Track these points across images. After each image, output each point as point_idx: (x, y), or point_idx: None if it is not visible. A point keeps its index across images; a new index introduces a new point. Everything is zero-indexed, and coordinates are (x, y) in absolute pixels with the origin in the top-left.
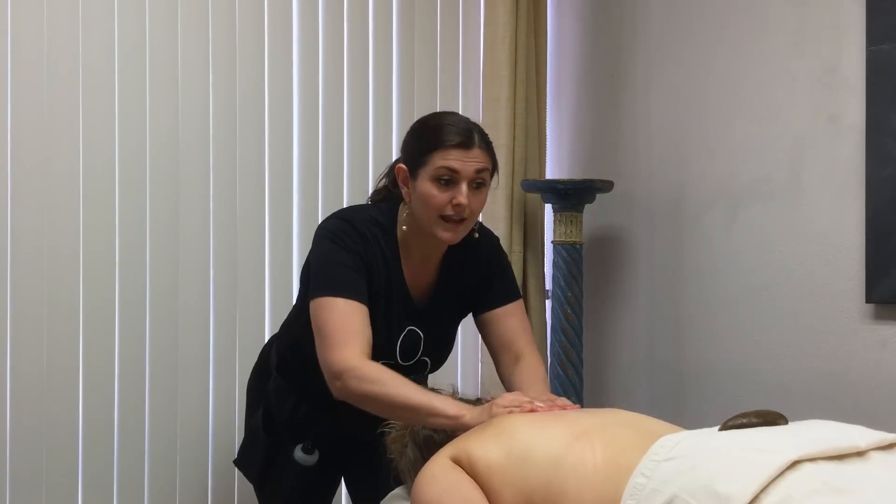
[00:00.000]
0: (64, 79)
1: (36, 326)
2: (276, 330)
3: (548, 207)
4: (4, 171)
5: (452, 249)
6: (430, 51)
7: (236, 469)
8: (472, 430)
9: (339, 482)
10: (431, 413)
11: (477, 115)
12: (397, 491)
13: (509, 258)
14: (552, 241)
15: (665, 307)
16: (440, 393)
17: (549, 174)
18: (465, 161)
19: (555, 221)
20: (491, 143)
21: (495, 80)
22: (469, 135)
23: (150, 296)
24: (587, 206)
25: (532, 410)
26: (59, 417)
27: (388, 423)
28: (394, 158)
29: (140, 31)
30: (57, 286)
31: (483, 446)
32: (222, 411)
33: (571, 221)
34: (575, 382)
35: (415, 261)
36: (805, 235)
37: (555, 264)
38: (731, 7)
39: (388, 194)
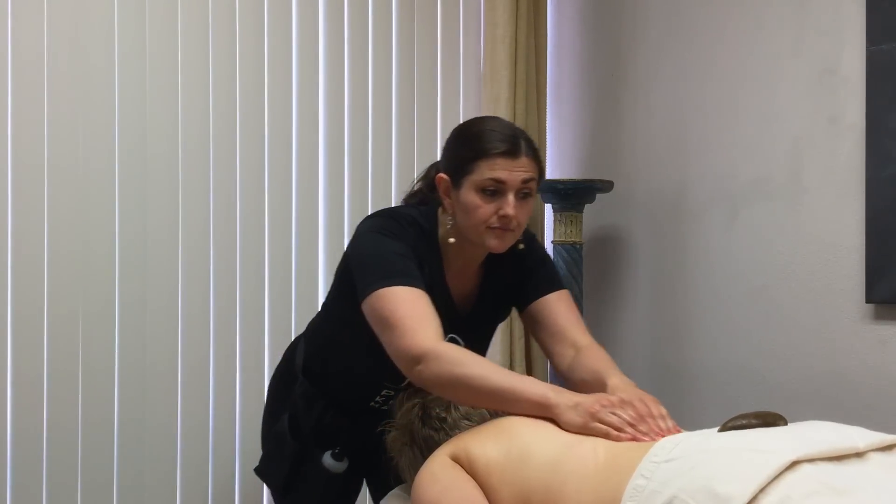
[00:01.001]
0: (64, 79)
1: (37, 329)
2: (276, 333)
3: (548, 207)
4: (4, 172)
5: (492, 256)
6: (430, 51)
7: (237, 471)
8: (472, 428)
9: (361, 486)
10: (514, 398)
11: (477, 115)
12: (397, 490)
13: None
14: (552, 241)
15: (665, 307)
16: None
17: (549, 174)
18: (511, 171)
19: (555, 221)
20: (538, 149)
21: (495, 80)
22: (515, 142)
23: (150, 298)
24: (587, 206)
25: (634, 439)
26: (59, 420)
27: (389, 422)
28: (394, 158)
29: (140, 31)
30: (57, 288)
31: (482, 445)
32: (222, 413)
33: (571, 221)
34: None
35: (455, 268)
36: (805, 235)
37: (555, 264)
38: (731, 7)
39: (424, 198)
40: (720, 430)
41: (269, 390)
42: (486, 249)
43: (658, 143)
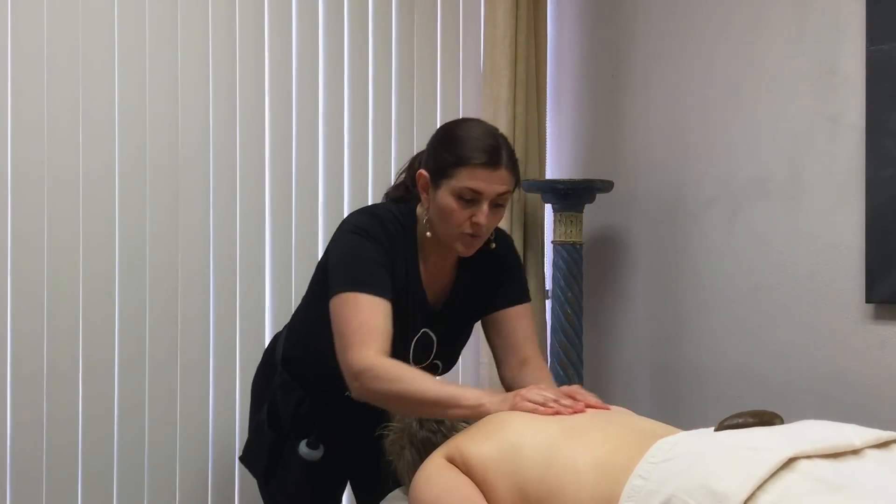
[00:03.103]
0: (64, 79)
1: (36, 326)
2: (277, 328)
3: (548, 207)
4: (4, 171)
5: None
6: (430, 51)
7: (237, 468)
8: (465, 429)
9: (346, 480)
10: (452, 405)
11: (477, 116)
12: (396, 492)
13: None
14: (552, 242)
15: (665, 307)
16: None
17: (549, 174)
18: (489, 182)
19: (555, 221)
20: (517, 160)
21: (495, 80)
22: (496, 153)
23: (150, 295)
24: (587, 206)
25: (557, 413)
26: (59, 417)
27: (387, 426)
28: (393, 158)
29: (140, 31)
30: (57, 286)
31: (476, 443)
32: (222, 410)
33: (571, 221)
34: (575, 382)
35: (430, 263)
36: (805, 235)
37: (555, 264)
38: (731, 7)
39: (406, 193)
40: (716, 430)
41: (252, 381)
42: (454, 253)
43: (658, 143)
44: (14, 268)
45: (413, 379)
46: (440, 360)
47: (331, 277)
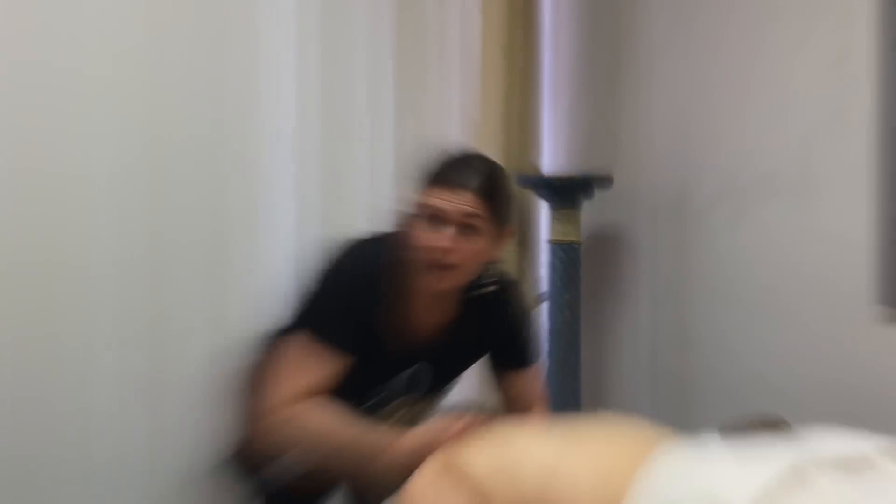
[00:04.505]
0: (64, 79)
1: (37, 326)
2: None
3: (543, 205)
4: (4, 172)
5: (473, 294)
6: (425, 41)
7: (235, 467)
8: (465, 439)
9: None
10: (367, 456)
11: (471, 106)
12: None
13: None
14: (548, 241)
15: (667, 309)
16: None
17: (544, 169)
18: (451, 201)
19: (551, 219)
20: (497, 193)
21: (488, 67)
22: (464, 176)
23: (150, 295)
24: (585, 203)
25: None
26: (59, 416)
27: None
28: (393, 148)
29: (141, 31)
30: (57, 286)
31: (478, 454)
32: (221, 409)
33: (568, 219)
34: (573, 388)
35: (426, 296)
36: (814, 234)
37: (551, 264)
38: None
39: None
40: (721, 435)
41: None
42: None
43: (660, 136)
44: (15, 268)
45: (320, 428)
46: (432, 394)
47: (308, 307)
